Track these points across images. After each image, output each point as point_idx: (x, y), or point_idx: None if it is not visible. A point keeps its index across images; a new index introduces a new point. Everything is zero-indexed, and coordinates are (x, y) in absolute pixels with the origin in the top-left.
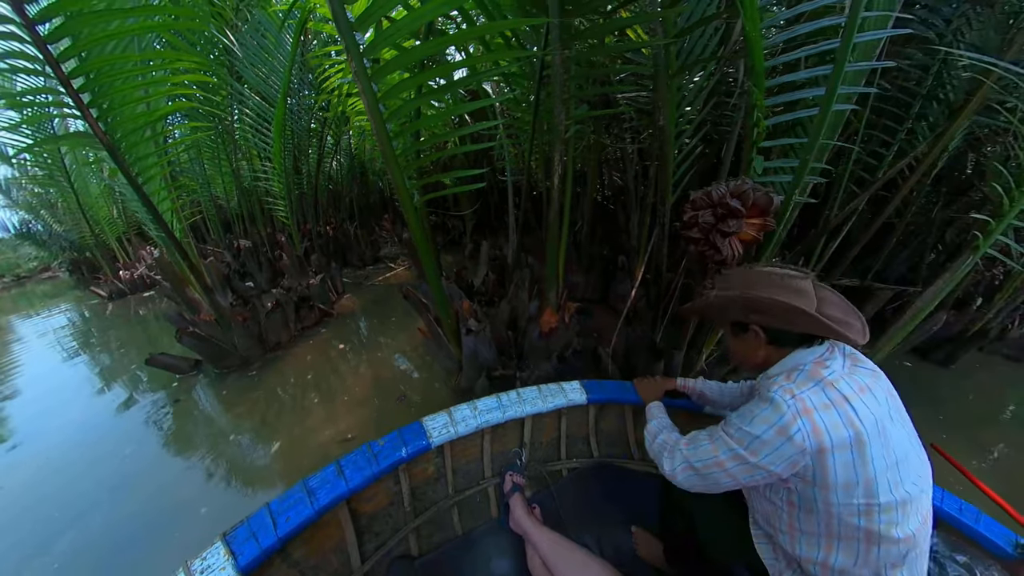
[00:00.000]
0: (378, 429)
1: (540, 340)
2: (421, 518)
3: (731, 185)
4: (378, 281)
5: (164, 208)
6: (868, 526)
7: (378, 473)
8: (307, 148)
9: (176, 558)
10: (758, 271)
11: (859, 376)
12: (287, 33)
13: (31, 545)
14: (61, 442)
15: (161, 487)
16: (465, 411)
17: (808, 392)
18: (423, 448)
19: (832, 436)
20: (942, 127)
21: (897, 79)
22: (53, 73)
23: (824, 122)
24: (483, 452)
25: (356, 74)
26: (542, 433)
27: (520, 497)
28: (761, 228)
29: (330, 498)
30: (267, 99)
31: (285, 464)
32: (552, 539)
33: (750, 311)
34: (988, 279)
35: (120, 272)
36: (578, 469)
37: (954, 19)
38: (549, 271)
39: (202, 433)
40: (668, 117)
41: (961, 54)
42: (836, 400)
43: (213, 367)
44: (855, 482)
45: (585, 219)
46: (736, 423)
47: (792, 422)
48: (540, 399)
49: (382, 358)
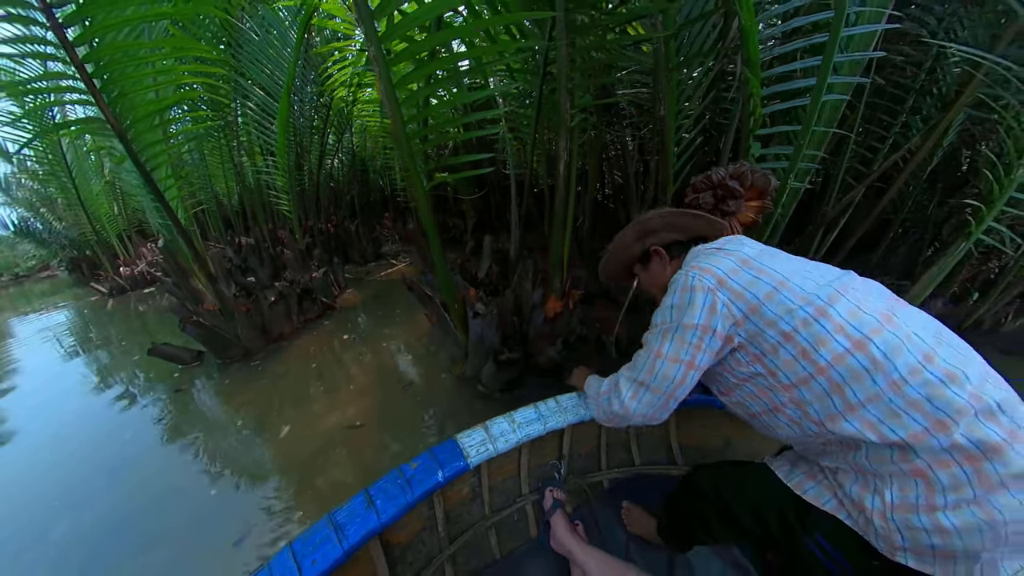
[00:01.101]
0: (385, 417)
1: (545, 325)
2: (457, 543)
3: (730, 168)
4: (380, 277)
5: (171, 196)
6: (832, 324)
7: (413, 503)
8: (309, 145)
9: (192, 537)
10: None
11: (726, 241)
12: (291, 29)
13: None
14: (60, 430)
15: (164, 470)
16: (503, 425)
17: (694, 262)
18: (460, 470)
19: (719, 267)
20: (935, 120)
21: (892, 74)
22: (68, 58)
23: (816, 111)
24: (520, 467)
25: (375, 59)
26: (582, 444)
27: (562, 514)
28: (759, 210)
29: (361, 535)
30: (271, 94)
31: (293, 448)
32: (600, 560)
33: (645, 236)
34: (984, 273)
35: (121, 268)
36: (619, 479)
37: (946, 17)
38: (553, 259)
39: (206, 419)
40: (668, 109)
41: (950, 46)
42: (710, 251)
43: (216, 357)
44: (772, 288)
45: (586, 215)
46: (654, 318)
47: (687, 279)
48: (581, 406)
49: (386, 349)
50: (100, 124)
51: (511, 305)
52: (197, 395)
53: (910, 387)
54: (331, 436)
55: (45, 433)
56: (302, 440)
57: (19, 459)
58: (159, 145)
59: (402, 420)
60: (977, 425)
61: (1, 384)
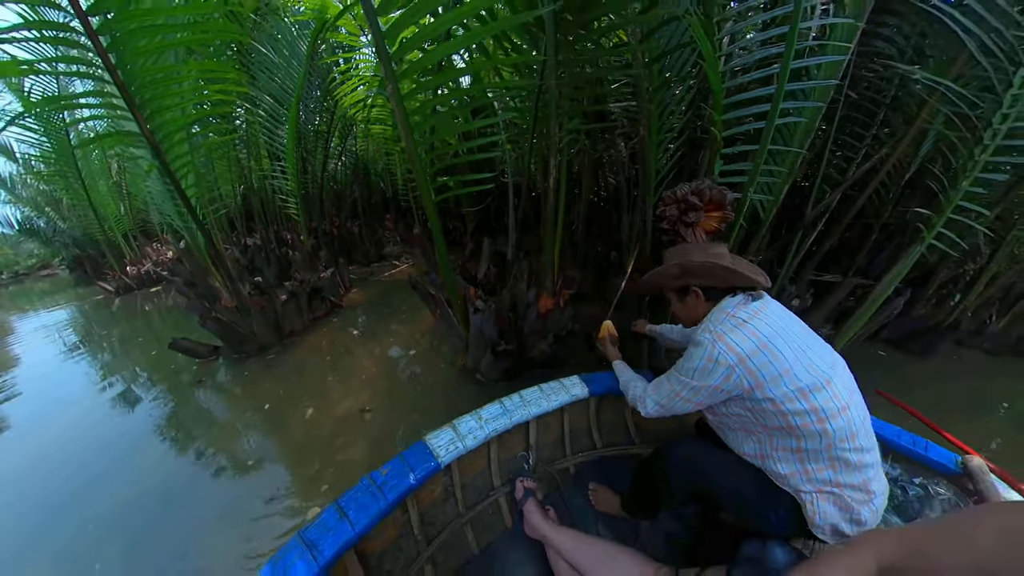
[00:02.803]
0: (392, 402)
1: (538, 321)
2: (434, 544)
3: (692, 185)
4: (383, 277)
5: (193, 200)
6: (809, 405)
7: (386, 509)
8: (314, 148)
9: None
10: (688, 246)
11: (754, 306)
12: (301, 40)
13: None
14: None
15: (206, 444)
16: (470, 422)
17: (720, 327)
18: (432, 471)
19: (742, 347)
20: (901, 133)
21: (868, 88)
22: (111, 78)
23: (769, 133)
24: (490, 461)
25: (392, 96)
26: (547, 434)
27: (534, 501)
28: (721, 219)
29: (335, 549)
30: (279, 100)
31: (317, 427)
32: (573, 538)
33: (690, 275)
34: (961, 275)
35: (127, 268)
36: (584, 463)
37: (914, 36)
38: (545, 261)
39: (234, 404)
40: (649, 127)
41: (899, 66)
42: (739, 324)
43: (232, 351)
44: (778, 374)
45: (581, 218)
46: (682, 364)
47: (713, 348)
48: (544, 398)
49: (392, 343)
50: (137, 137)
51: (507, 303)
52: (220, 384)
53: (836, 450)
54: (347, 418)
55: (89, 420)
56: (323, 420)
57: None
58: (186, 156)
59: (408, 405)
60: (868, 474)
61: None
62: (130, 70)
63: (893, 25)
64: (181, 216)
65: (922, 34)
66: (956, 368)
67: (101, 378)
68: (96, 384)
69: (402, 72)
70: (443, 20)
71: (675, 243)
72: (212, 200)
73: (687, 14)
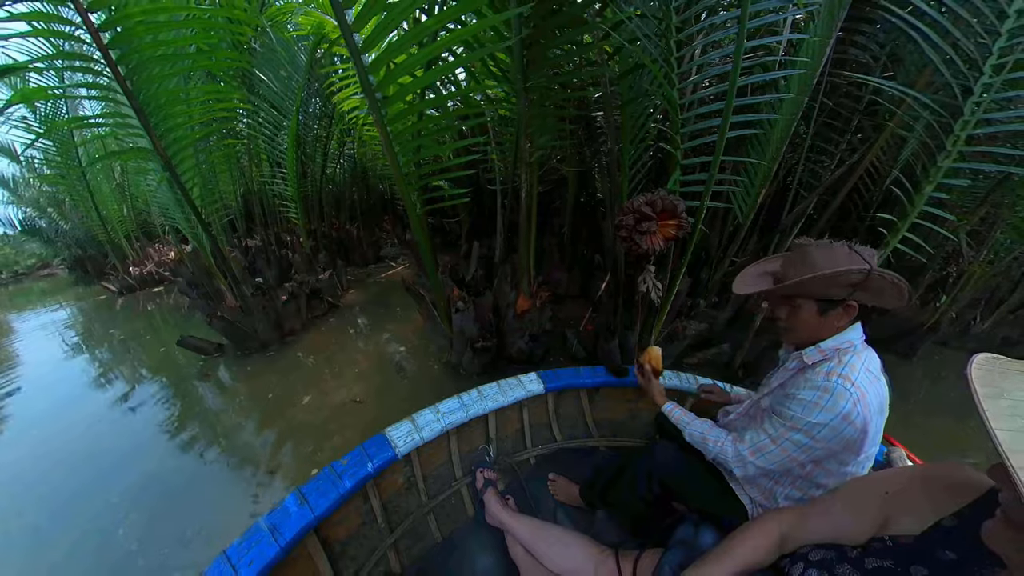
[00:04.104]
0: (382, 394)
1: (515, 321)
2: (397, 532)
3: (646, 196)
4: (380, 278)
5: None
6: (859, 470)
7: (345, 494)
8: (313, 153)
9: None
10: (832, 248)
11: (872, 350)
12: (300, 52)
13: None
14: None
15: (216, 424)
16: (428, 416)
17: (860, 378)
18: (389, 459)
19: (872, 409)
20: (872, 140)
21: (844, 97)
22: (128, 102)
23: (721, 145)
24: (451, 454)
25: (376, 122)
26: (506, 427)
27: (493, 491)
28: (677, 227)
29: (296, 531)
30: (278, 109)
31: (312, 413)
32: (529, 524)
33: (857, 288)
34: (945, 277)
35: (130, 268)
36: (544, 455)
37: (887, 44)
38: (522, 264)
39: (240, 392)
40: (619, 140)
41: (876, 81)
42: (873, 380)
43: (236, 349)
44: (873, 443)
45: (567, 223)
46: (799, 416)
47: (853, 409)
48: (500, 394)
49: (385, 341)
50: (150, 152)
51: (491, 304)
52: (226, 378)
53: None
54: (340, 407)
55: (110, 410)
56: (318, 408)
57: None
58: (193, 168)
59: (396, 397)
60: None
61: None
62: (145, 95)
63: (868, 33)
64: (188, 222)
65: (896, 42)
66: (941, 369)
67: (116, 373)
68: (112, 378)
69: (384, 102)
70: (422, 53)
71: (632, 249)
72: (216, 206)
73: (647, 57)
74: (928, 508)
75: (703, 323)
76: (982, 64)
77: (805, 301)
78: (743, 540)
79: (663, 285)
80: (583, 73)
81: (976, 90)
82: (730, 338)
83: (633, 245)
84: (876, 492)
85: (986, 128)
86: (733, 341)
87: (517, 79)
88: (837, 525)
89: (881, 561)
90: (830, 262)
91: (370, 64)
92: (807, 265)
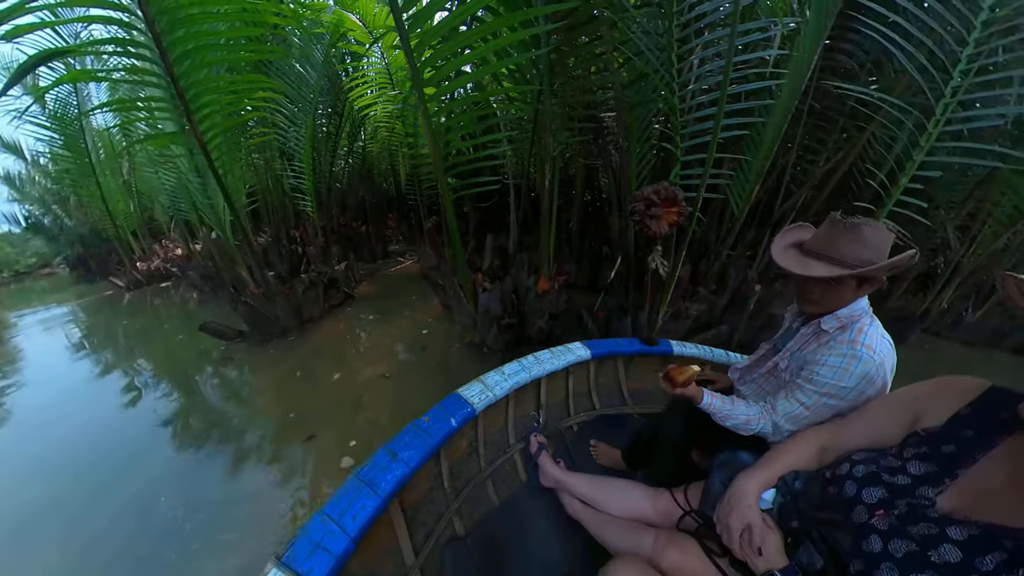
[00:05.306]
0: (408, 370)
1: (536, 301)
2: (461, 497)
3: (653, 186)
4: (391, 272)
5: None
6: None
7: (433, 447)
8: (323, 150)
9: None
10: (878, 228)
11: (875, 318)
12: (316, 47)
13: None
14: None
15: (249, 402)
16: (495, 377)
17: (879, 345)
18: (469, 415)
19: (889, 372)
20: (855, 139)
21: (833, 101)
22: (174, 88)
23: (714, 145)
24: (507, 419)
25: (422, 113)
26: (554, 394)
27: (547, 454)
28: (679, 214)
29: (393, 484)
30: (296, 105)
31: (344, 388)
32: (586, 479)
33: (893, 268)
34: (933, 268)
35: (137, 264)
36: (586, 422)
37: (872, 51)
38: (543, 250)
39: (268, 373)
40: (628, 139)
41: (857, 90)
42: (888, 346)
43: (257, 335)
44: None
45: (576, 218)
46: (831, 382)
47: (876, 373)
48: (554, 358)
49: (405, 325)
50: (186, 136)
51: (510, 288)
52: (249, 361)
53: None
54: (369, 382)
55: (146, 391)
56: (349, 384)
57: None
58: (227, 154)
59: (423, 372)
60: None
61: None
62: (187, 81)
63: (854, 41)
64: (212, 208)
65: (881, 51)
66: (933, 357)
67: (139, 361)
68: (140, 366)
69: (430, 95)
70: (466, 57)
71: (643, 232)
72: (241, 193)
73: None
74: (946, 405)
75: (703, 305)
76: (951, 69)
77: (850, 279)
78: (786, 451)
79: (668, 263)
80: (598, 79)
81: (947, 92)
82: (728, 320)
83: (644, 228)
84: (905, 400)
85: (955, 126)
86: (731, 323)
87: (545, 83)
88: (874, 431)
89: (917, 449)
90: (885, 243)
91: (421, 63)
92: (869, 248)
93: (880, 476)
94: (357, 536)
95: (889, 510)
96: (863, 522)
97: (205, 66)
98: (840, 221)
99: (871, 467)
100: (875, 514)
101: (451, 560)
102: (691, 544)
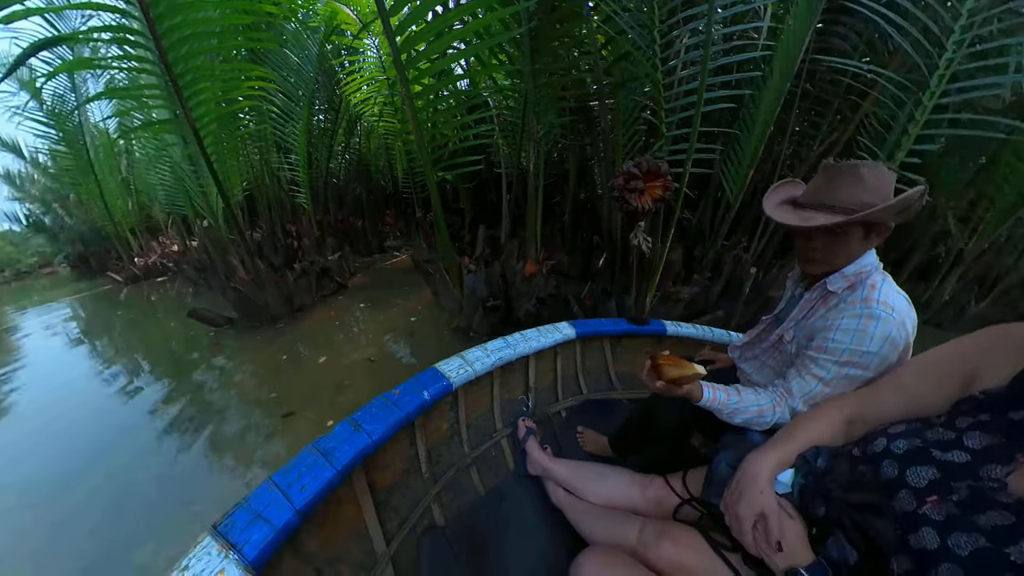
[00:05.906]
0: (394, 355)
1: (523, 284)
2: (440, 483)
3: (634, 160)
4: (386, 265)
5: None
6: None
7: (402, 420)
8: (319, 144)
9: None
10: (878, 168)
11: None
12: (309, 39)
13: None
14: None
15: (236, 383)
16: (477, 352)
17: (897, 303)
18: (444, 389)
19: (912, 331)
20: (849, 120)
21: (827, 83)
22: (167, 75)
23: (697, 122)
24: (493, 400)
25: (404, 97)
26: (543, 377)
27: (534, 440)
28: (663, 187)
29: (351, 455)
30: (292, 98)
31: (330, 370)
32: (567, 465)
33: (897, 212)
34: (935, 257)
35: (135, 259)
36: (573, 407)
37: (865, 32)
38: (529, 233)
39: (253, 357)
40: (614, 121)
41: (852, 65)
42: (907, 303)
43: (246, 322)
44: (907, 360)
45: (569, 211)
46: (849, 346)
47: (898, 333)
48: (540, 336)
49: (395, 313)
50: (179, 123)
51: (498, 272)
52: (237, 346)
53: None
54: (354, 365)
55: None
56: (334, 367)
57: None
58: (223, 143)
59: (409, 358)
60: None
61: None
62: (182, 67)
63: (847, 23)
64: (205, 197)
65: (875, 32)
66: None
67: (133, 349)
68: (135, 352)
69: (413, 76)
70: (447, 38)
71: (624, 207)
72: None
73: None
74: (1008, 361)
75: (695, 288)
76: (945, 41)
77: (855, 228)
78: (804, 425)
79: (652, 240)
80: (581, 60)
81: (941, 64)
82: (724, 305)
83: (624, 204)
84: (950, 357)
85: (951, 97)
86: (727, 308)
87: (525, 64)
88: (910, 397)
89: (975, 417)
90: (887, 184)
91: (401, 44)
92: (870, 191)
93: (929, 452)
94: (304, 509)
95: (945, 495)
96: (911, 511)
97: (199, 54)
98: (835, 166)
99: (915, 441)
100: (926, 501)
101: (428, 550)
102: (690, 536)
